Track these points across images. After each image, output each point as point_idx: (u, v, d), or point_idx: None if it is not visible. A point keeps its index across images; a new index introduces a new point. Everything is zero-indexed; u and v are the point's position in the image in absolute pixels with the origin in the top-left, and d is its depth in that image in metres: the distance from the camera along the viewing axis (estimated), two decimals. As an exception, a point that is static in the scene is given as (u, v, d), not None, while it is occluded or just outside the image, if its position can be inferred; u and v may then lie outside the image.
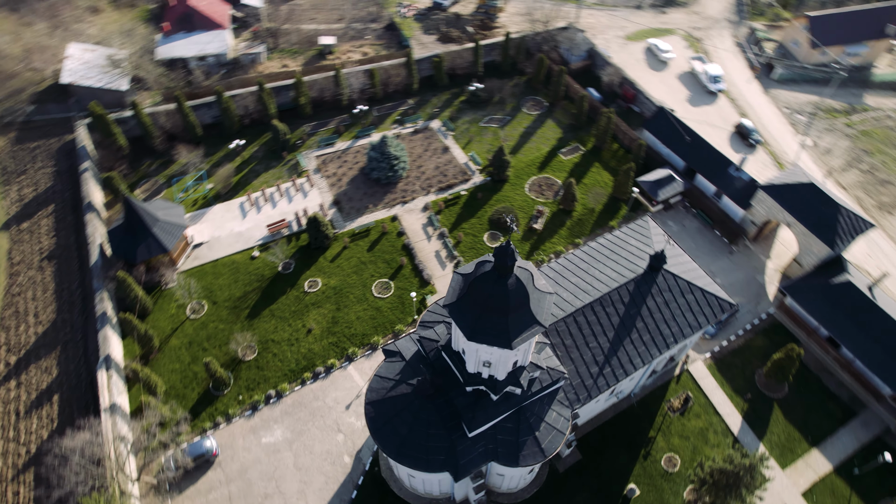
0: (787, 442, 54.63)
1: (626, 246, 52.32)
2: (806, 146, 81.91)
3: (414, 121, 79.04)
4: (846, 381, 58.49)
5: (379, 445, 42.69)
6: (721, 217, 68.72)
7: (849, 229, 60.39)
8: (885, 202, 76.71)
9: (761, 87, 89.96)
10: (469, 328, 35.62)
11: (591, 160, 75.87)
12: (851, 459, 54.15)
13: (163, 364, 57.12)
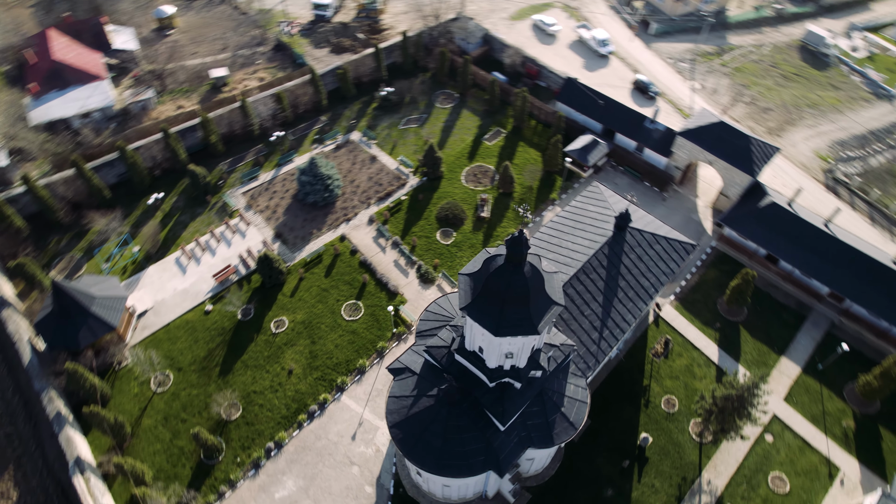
0: (759, 357, 59.55)
1: (586, 214, 54.43)
2: (696, 90, 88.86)
3: (333, 137, 77.15)
4: (790, 291, 64.59)
5: (416, 464, 41.81)
6: (647, 169, 73.11)
7: (761, 156, 66.41)
8: (772, 127, 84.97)
9: (643, 44, 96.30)
10: (494, 325, 35.65)
11: (514, 141, 77.86)
12: (813, 357, 60.07)
13: (142, 448, 52.28)
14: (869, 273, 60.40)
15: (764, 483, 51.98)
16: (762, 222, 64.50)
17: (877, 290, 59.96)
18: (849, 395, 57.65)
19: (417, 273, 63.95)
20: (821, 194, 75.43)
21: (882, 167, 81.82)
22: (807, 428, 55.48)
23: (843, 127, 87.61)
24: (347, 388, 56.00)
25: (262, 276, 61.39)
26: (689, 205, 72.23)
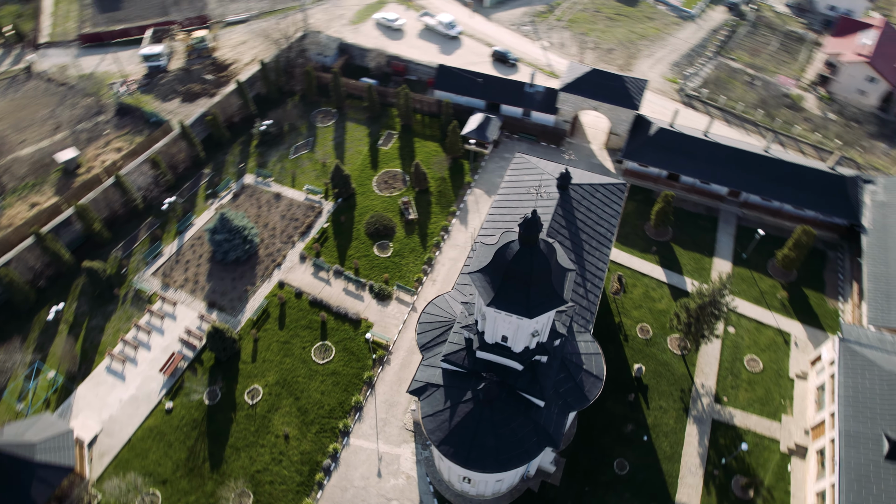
0: (697, 265, 66.06)
1: (524, 184, 56.37)
2: (546, 48, 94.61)
3: (226, 186, 71.85)
4: (697, 200, 72.08)
5: (476, 470, 41.40)
6: (540, 130, 76.99)
7: (636, 91, 72.79)
8: (621, 64, 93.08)
9: (483, 18, 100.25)
10: (526, 309, 36.18)
11: (409, 139, 77.85)
12: (736, 250, 67.88)
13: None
14: (751, 165, 69.15)
15: (742, 368, 58.24)
16: (656, 148, 71.02)
17: (761, 177, 68.89)
18: (772, 270, 66.04)
19: (372, 293, 62.28)
20: (684, 111, 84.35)
21: (712, 76, 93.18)
22: (754, 310, 62.83)
23: (671, 50, 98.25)
24: (352, 430, 53.57)
25: (214, 351, 56.23)
26: (586, 152, 77.39)
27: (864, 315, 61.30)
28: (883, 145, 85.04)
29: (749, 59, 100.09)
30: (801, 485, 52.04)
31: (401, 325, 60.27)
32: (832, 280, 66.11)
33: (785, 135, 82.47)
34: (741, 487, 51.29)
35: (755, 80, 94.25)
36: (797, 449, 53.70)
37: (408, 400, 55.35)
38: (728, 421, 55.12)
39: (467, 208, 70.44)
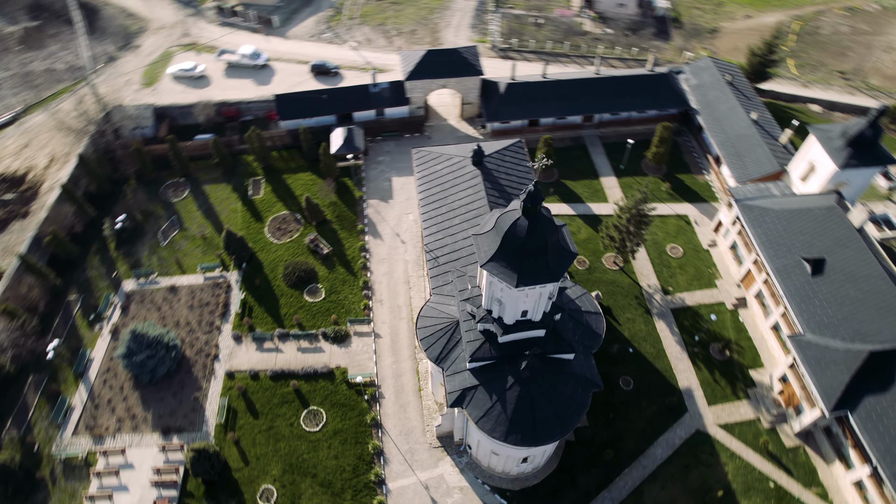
0: (591, 189, 72.54)
1: (439, 173, 57.04)
2: (355, 48, 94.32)
3: (107, 304, 61.85)
4: (562, 136, 78.73)
5: (548, 442, 42.58)
6: (398, 124, 77.43)
7: (473, 58, 76.31)
8: (429, 40, 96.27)
9: (280, 38, 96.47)
10: (549, 275, 37.49)
11: (277, 178, 73.36)
12: (612, 164, 75.66)
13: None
14: (591, 90, 76.95)
15: (669, 258, 66.00)
16: (511, 102, 75.64)
17: (603, 97, 77.09)
18: (647, 169, 74.91)
19: (328, 340, 58.98)
20: (505, 64, 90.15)
21: (505, 27, 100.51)
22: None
23: (462, 15, 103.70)
24: (385, 476, 51.13)
25: (201, 475, 49.39)
26: (448, 129, 79.73)
27: (725, 178, 72.63)
28: (658, 42, 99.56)
29: (524, 1, 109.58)
30: (755, 327, 61.09)
31: (373, 356, 58.12)
32: (691, 160, 77.01)
33: (593, 56, 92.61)
34: (719, 351, 58.81)
35: (538, 19, 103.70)
36: (738, 302, 62.72)
37: (422, 421, 54.09)
38: (682, 305, 62.42)
39: (373, 221, 69.04)
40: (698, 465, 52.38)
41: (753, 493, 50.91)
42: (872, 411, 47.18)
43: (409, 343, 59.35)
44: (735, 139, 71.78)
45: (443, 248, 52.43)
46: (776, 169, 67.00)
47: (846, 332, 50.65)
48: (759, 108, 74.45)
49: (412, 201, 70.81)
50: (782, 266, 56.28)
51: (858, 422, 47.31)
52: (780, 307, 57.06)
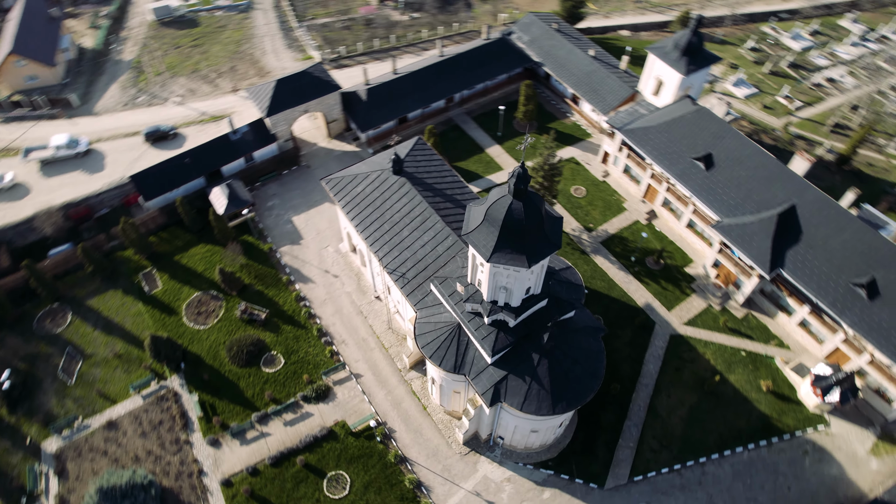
0: (483, 163, 74.99)
1: (364, 193, 55.34)
2: (178, 102, 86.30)
3: (34, 478, 51.22)
4: (437, 121, 79.84)
5: (588, 398, 44.69)
6: (274, 163, 73.03)
7: (324, 74, 73.99)
8: (255, 72, 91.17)
9: (90, 117, 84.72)
10: (552, 245, 39.03)
11: (169, 263, 65.39)
12: (493, 133, 78.64)
13: None
14: (444, 72, 78.83)
15: (577, 199, 70.99)
16: (376, 107, 74.98)
17: (456, 75, 79.41)
18: (520, 127, 79.07)
19: (312, 402, 55.19)
20: (346, 73, 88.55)
21: (319, 38, 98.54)
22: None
23: (271, 38, 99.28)
24: (434, 502, 49.76)
25: None
26: (323, 152, 76.84)
27: (588, 114, 79.39)
28: (466, 13, 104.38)
29: (323, 10, 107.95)
30: (672, 231, 68.41)
31: (364, 397, 55.58)
32: (553, 108, 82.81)
33: (420, 42, 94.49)
34: (654, 262, 65.05)
35: (338, 22, 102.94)
36: (649, 215, 69.62)
37: (442, 436, 53.22)
38: (607, 236, 67.78)
39: (294, 267, 64.94)
40: (685, 364, 58.14)
41: (735, 366, 57.88)
42: (797, 260, 55.81)
43: (393, 369, 57.59)
44: (584, 77, 78.46)
45: (405, 264, 51.27)
46: (629, 93, 74.70)
47: (751, 207, 58.94)
48: (590, 45, 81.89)
49: (324, 233, 67.78)
50: (680, 171, 63.47)
51: (790, 273, 55.72)
52: (690, 206, 64.55)
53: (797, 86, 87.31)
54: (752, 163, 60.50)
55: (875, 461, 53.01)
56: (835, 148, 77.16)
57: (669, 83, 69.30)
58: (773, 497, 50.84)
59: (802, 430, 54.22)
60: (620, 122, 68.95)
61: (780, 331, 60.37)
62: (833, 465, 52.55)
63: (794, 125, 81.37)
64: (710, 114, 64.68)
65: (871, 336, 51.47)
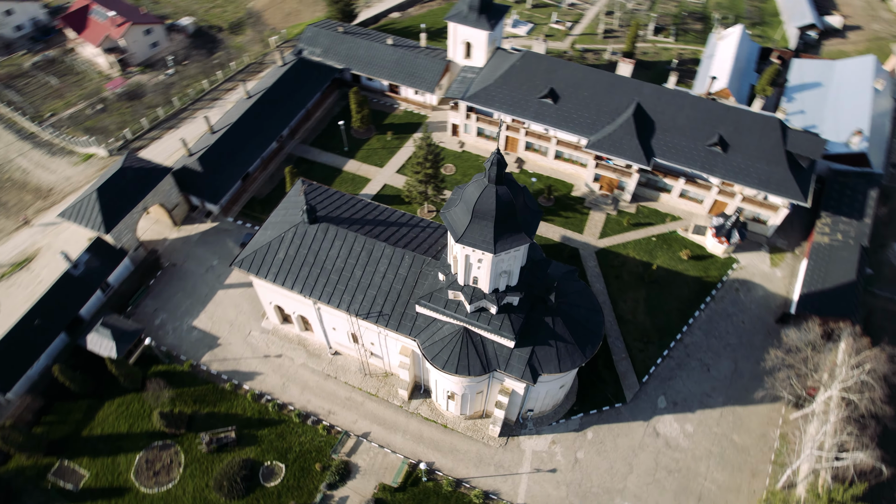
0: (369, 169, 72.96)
1: (290, 258, 50.82)
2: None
3: None
4: (284, 154, 74.83)
5: (603, 326, 47.62)
6: (137, 278, 62.69)
7: (143, 162, 64.71)
8: (24, 201, 76.09)
9: None
10: (538, 208, 40.49)
11: (87, 439, 53.15)
12: (337, 153, 76.32)
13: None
14: (262, 113, 73.78)
15: (450, 176, 72.89)
16: (215, 172, 67.97)
17: (274, 112, 74.91)
18: (361, 134, 77.96)
19: (337, 485, 50.61)
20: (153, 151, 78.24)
21: (86, 126, 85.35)
22: (407, 152, 75.67)
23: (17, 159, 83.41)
24: (513, 498, 49.81)
25: None
26: (181, 241, 67.71)
27: (414, 97, 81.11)
28: (221, 53, 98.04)
29: (62, 101, 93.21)
30: (544, 168, 74.06)
31: (385, 450, 52.49)
32: (378, 106, 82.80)
33: (208, 92, 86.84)
34: (546, 200, 70.20)
35: (87, 108, 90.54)
36: (518, 162, 74.40)
37: (478, 439, 52.93)
38: (497, 195, 71.01)
39: (230, 368, 57.35)
40: (620, 269, 64.63)
41: (655, 252, 65.93)
42: (661, 146, 64.76)
43: (394, 410, 54.99)
44: (395, 66, 79.56)
45: (376, 302, 48.68)
46: (444, 65, 77.83)
47: (605, 117, 66.41)
48: (384, 36, 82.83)
49: (238, 322, 60.68)
50: (534, 113, 68.61)
51: (661, 157, 64.56)
52: (553, 140, 70.41)
53: (559, 10, 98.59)
54: (590, 82, 67.81)
55: (777, 270, 65.21)
56: (616, 49, 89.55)
57: (478, 43, 73.72)
58: (738, 333, 60.08)
59: (726, 275, 64.35)
60: (459, 91, 71.82)
61: (667, 208, 69.90)
62: (758, 288, 63.50)
63: (577, 42, 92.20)
64: (535, 55, 70.54)
65: (738, 178, 62.45)
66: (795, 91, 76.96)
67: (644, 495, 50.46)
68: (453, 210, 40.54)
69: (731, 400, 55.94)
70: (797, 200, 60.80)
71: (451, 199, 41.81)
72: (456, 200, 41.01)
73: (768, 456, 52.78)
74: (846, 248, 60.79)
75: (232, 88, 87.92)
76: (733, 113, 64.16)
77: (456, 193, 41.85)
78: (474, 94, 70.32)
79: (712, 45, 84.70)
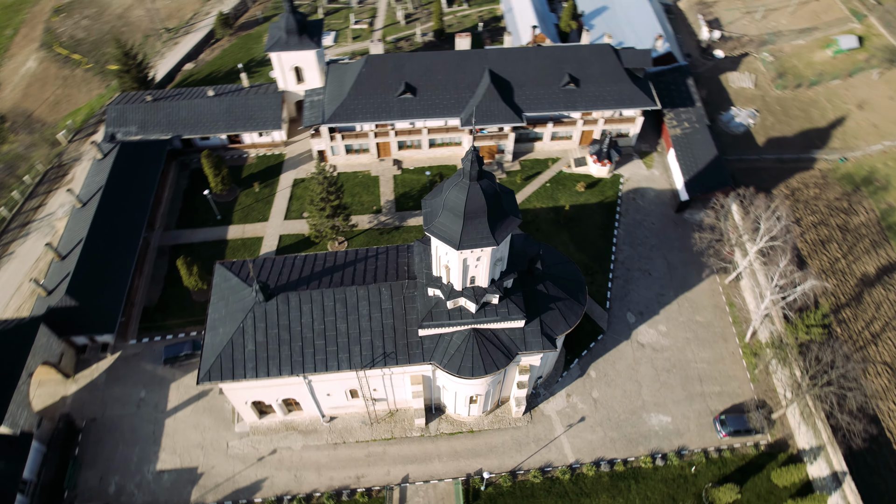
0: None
1: (259, 344, 45.62)
2: None
3: None
4: (159, 261, 65.64)
5: (582, 279, 50.66)
6: (53, 462, 51.41)
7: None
8: None
9: None
10: (510, 191, 41.24)
11: None
12: (210, 224, 69.19)
13: None
14: (107, 228, 63.88)
15: (358, 198, 70.46)
16: (90, 301, 57.87)
17: (112, 213, 65.22)
18: (224, 197, 71.42)
19: None
20: None
21: None
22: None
23: None
24: (566, 461, 51.58)
25: None
26: (87, 391, 56.76)
27: (260, 140, 76.16)
28: None
29: None
30: (422, 160, 74.57)
31: (433, 483, 50.75)
32: (227, 163, 76.07)
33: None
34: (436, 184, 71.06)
35: None
36: (397, 164, 73.95)
37: (506, 425, 53.59)
38: (393, 205, 70.21)
39: (229, 489, 50.53)
40: (535, 221, 68.23)
41: (555, 195, 70.69)
42: (523, 100, 68.97)
43: (418, 444, 53.10)
44: (227, 115, 73.54)
45: (375, 347, 45.94)
46: (279, 98, 73.85)
47: (466, 92, 68.95)
48: (198, 90, 75.75)
49: (209, 440, 53.06)
50: (399, 112, 68.52)
51: (528, 110, 68.85)
52: (424, 131, 71.07)
53: (353, 10, 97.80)
54: (439, 64, 69.11)
55: (654, 170, 73.79)
56: (426, 30, 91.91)
57: (309, 64, 71.50)
58: (654, 233, 67.43)
59: (619, 191, 71.34)
60: (316, 117, 68.93)
61: (545, 154, 75.02)
62: (648, 191, 71.50)
63: (386, 34, 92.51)
64: (378, 56, 69.78)
65: (597, 105, 69.33)
66: (591, 18, 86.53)
67: (661, 400, 55.43)
68: (439, 221, 39.69)
69: (679, 289, 63.12)
70: (650, 106, 69.35)
71: (426, 213, 40.83)
72: (435, 212, 40.15)
73: (727, 320, 60.88)
74: (698, 132, 70.93)
75: (41, 205, 74.48)
76: (571, 51, 70.43)
77: (429, 206, 41.00)
78: (334, 113, 68.01)
79: (507, 2, 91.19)
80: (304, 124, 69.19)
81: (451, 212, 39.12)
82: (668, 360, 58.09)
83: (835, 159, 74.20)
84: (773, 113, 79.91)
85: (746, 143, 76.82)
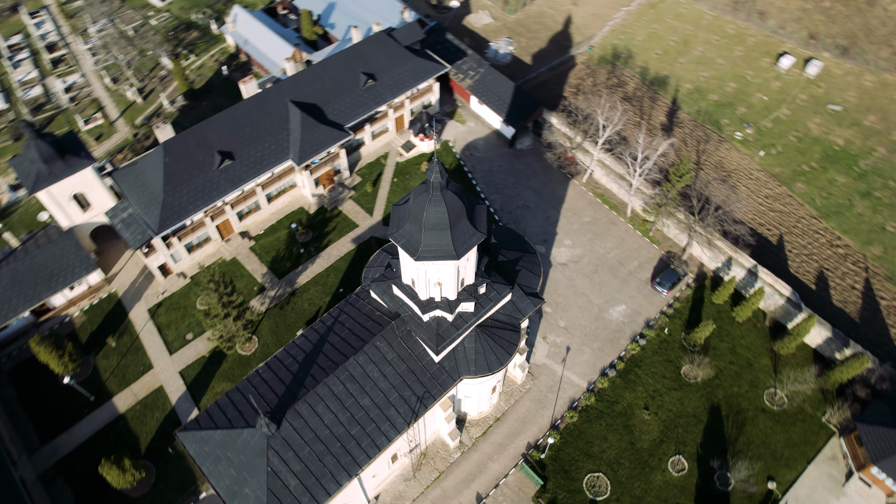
0: (147, 412, 55.42)
1: (292, 468, 39.94)
2: None
3: None
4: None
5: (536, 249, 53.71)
6: None
7: None
8: None
9: None
10: (476, 194, 41.65)
11: None
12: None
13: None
14: None
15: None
16: None
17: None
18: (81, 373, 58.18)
19: None
20: None
21: None
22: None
23: None
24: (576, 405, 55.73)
25: None
26: None
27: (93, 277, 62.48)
28: None
29: None
30: (265, 220, 68.87)
31: (496, 487, 50.87)
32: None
33: None
34: (302, 234, 67.18)
35: None
36: (244, 234, 67.30)
37: (522, 398, 55.44)
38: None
39: None
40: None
41: (410, 183, 71.23)
42: (336, 115, 67.56)
43: (466, 458, 52.23)
44: (12, 288, 58.37)
45: (408, 402, 43.40)
46: (73, 240, 61.09)
47: (282, 132, 64.82)
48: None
49: None
50: (227, 184, 61.90)
51: (346, 122, 67.77)
52: (258, 189, 65.45)
53: (73, 112, 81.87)
54: (241, 117, 63.19)
55: (469, 123, 78.35)
56: (172, 96, 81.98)
57: (90, 184, 60.63)
58: (507, 173, 72.70)
59: (455, 153, 74.75)
60: (142, 235, 58.64)
61: (373, 154, 74.73)
62: (478, 143, 76.05)
63: (133, 119, 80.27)
64: (173, 139, 60.50)
65: (400, 90, 71.08)
66: (327, 18, 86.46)
67: (608, 296, 62.59)
68: (426, 244, 38.59)
69: (556, 206, 69.96)
70: (442, 71, 73.21)
71: (408, 248, 39.16)
72: (417, 239, 38.70)
73: (605, 208, 69.76)
74: (487, 74, 76.89)
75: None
76: (353, 51, 70.00)
77: (404, 238, 39.43)
78: (162, 218, 58.55)
79: (238, 36, 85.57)
80: (134, 246, 58.51)
81: (434, 229, 38.37)
82: (589, 263, 65.01)
83: (585, 51, 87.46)
84: (521, 34, 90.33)
85: (518, 67, 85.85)
